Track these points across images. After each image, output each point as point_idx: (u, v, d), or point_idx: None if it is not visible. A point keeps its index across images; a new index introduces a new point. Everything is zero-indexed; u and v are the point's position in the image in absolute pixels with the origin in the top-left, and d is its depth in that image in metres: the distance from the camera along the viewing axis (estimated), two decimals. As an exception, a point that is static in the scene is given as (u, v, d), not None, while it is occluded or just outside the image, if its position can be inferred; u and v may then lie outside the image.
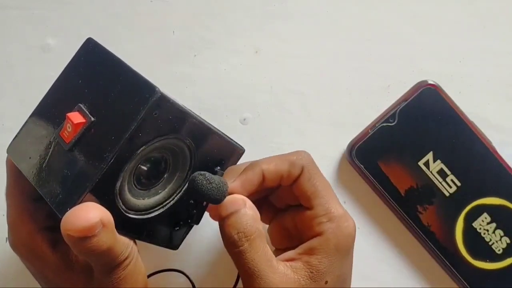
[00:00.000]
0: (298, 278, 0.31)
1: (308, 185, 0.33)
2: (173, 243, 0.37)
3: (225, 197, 0.32)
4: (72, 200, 0.29)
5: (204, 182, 0.31)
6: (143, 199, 0.33)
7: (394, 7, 0.43)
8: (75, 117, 0.30)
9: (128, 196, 0.32)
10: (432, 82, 0.41)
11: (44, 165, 0.31)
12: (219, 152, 0.35)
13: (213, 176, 0.32)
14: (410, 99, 0.40)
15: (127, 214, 0.32)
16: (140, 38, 0.43)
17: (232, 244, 0.31)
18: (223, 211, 0.32)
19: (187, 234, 0.37)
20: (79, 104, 0.31)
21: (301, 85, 0.43)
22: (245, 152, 0.42)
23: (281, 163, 0.34)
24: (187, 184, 0.34)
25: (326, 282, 0.31)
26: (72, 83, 0.32)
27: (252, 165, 0.34)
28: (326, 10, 0.43)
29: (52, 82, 0.32)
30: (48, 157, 0.31)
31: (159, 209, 0.34)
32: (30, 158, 0.32)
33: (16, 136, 0.33)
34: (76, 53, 0.32)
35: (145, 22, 0.43)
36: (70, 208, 0.28)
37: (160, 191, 0.34)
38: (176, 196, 0.34)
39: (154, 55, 0.43)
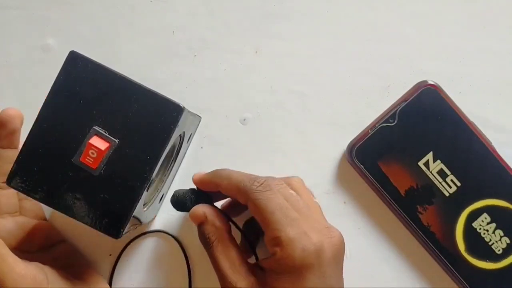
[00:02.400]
0: (253, 283, 0.33)
1: (256, 214, 0.34)
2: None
3: (187, 207, 0.36)
4: (121, 221, 0.31)
5: (171, 199, 0.37)
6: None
7: (394, 7, 0.43)
8: (98, 142, 0.30)
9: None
10: (432, 82, 0.41)
11: (69, 192, 0.31)
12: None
13: (180, 191, 0.37)
14: (410, 99, 0.40)
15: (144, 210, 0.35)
16: (140, 38, 0.43)
17: (204, 247, 0.36)
18: (193, 223, 0.36)
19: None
20: (94, 128, 0.31)
21: (301, 85, 0.43)
22: (246, 151, 0.42)
23: (231, 187, 0.35)
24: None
25: None
26: (72, 104, 0.31)
27: (220, 172, 0.36)
28: (326, 10, 0.43)
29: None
30: (72, 183, 0.31)
31: (157, 194, 0.38)
32: (46, 187, 0.31)
33: (15, 166, 0.31)
34: (62, 69, 0.31)
35: (145, 22, 0.43)
36: (122, 229, 0.31)
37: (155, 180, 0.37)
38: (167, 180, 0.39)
39: (154, 55, 0.43)
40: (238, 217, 0.39)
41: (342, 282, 0.35)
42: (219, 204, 0.39)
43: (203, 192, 0.37)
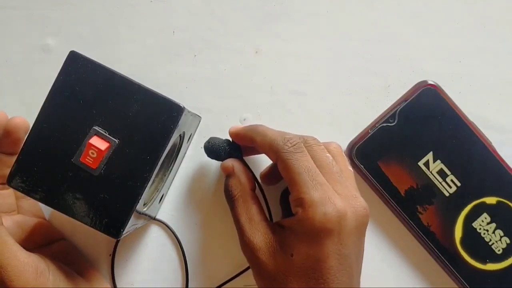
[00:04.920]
0: (270, 239, 0.34)
1: (283, 174, 0.34)
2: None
3: (220, 156, 0.38)
4: (121, 221, 0.31)
5: (206, 144, 0.38)
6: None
7: (394, 7, 0.43)
8: (98, 142, 0.30)
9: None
10: (432, 82, 0.41)
11: (69, 192, 0.31)
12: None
13: (216, 140, 0.38)
14: (410, 99, 0.40)
15: (144, 209, 0.35)
16: (140, 38, 0.43)
17: (226, 200, 0.37)
18: (223, 172, 0.38)
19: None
20: (94, 128, 0.31)
21: (301, 85, 0.43)
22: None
23: (264, 144, 0.35)
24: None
25: (292, 255, 0.32)
26: (72, 104, 0.31)
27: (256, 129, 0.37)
28: (326, 10, 0.43)
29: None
30: (72, 183, 0.31)
31: (157, 195, 0.38)
32: (46, 187, 0.31)
33: (15, 166, 0.31)
34: (62, 69, 0.31)
35: (145, 22, 0.43)
36: (122, 229, 0.31)
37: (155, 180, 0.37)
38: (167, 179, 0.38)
39: (154, 55, 0.43)
40: (274, 186, 0.40)
41: (360, 254, 0.34)
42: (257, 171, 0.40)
43: (237, 146, 0.38)
